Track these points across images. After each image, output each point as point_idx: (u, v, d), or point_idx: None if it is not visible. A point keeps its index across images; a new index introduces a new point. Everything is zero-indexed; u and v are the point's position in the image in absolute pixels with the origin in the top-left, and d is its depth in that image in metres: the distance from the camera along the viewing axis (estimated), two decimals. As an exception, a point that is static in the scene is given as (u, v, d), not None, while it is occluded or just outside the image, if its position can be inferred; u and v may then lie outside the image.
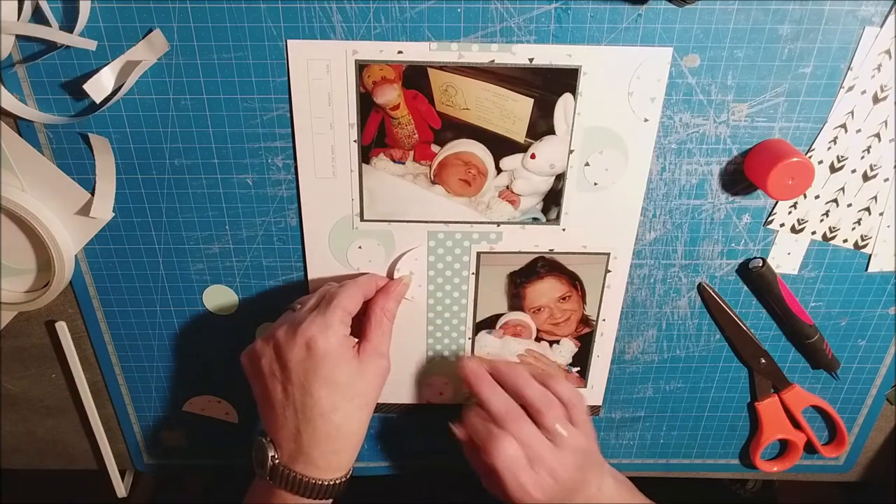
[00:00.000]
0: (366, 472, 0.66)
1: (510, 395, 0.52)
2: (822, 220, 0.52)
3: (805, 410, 0.61)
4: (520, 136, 0.48)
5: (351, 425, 0.48)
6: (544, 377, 0.53)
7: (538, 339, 0.58)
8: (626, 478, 0.58)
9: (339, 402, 0.47)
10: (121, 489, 0.67)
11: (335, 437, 0.47)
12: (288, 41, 0.45)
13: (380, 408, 0.62)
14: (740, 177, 0.50)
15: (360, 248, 0.53)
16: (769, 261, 0.54)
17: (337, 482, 0.48)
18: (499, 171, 0.50)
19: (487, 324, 0.57)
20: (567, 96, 0.47)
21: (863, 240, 0.53)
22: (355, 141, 0.48)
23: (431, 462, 0.66)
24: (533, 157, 0.49)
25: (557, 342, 0.58)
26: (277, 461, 0.47)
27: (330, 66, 0.46)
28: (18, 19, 0.43)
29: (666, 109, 0.48)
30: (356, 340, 0.49)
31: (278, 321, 0.50)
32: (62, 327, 0.57)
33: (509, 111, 0.47)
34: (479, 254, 0.53)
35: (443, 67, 0.46)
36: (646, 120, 0.48)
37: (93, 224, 0.52)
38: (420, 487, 0.76)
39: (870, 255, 0.54)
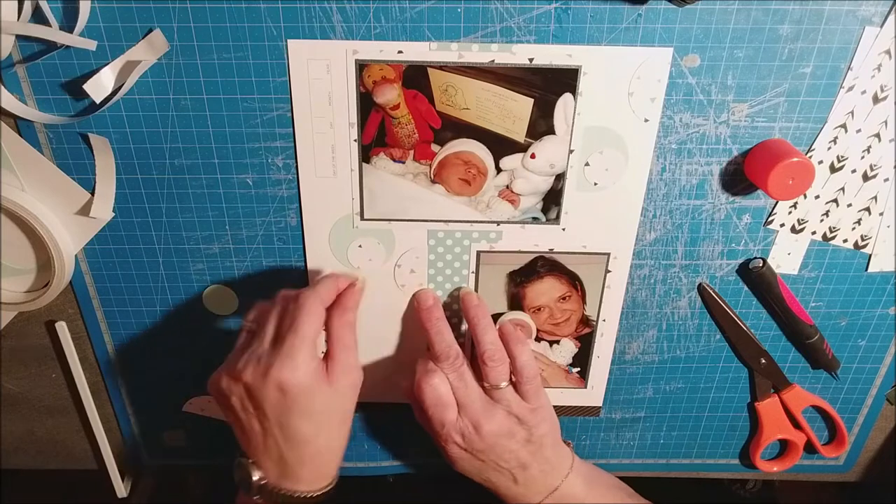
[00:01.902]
0: (366, 472, 0.66)
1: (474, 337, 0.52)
2: (822, 220, 0.52)
3: (805, 410, 0.61)
4: (520, 135, 0.48)
5: (334, 442, 0.48)
6: (511, 339, 0.52)
7: (538, 339, 0.58)
8: (615, 480, 0.57)
9: (321, 427, 0.46)
10: (121, 489, 0.66)
11: (321, 455, 0.47)
12: (288, 41, 0.45)
13: (380, 408, 0.62)
14: (740, 177, 0.50)
15: (360, 247, 0.53)
16: (769, 261, 0.54)
17: (327, 490, 0.48)
18: (499, 170, 0.50)
19: (487, 324, 0.57)
20: (567, 96, 0.47)
21: (863, 240, 0.53)
22: (355, 140, 0.48)
23: (431, 462, 0.66)
24: (533, 156, 0.49)
25: (557, 342, 0.58)
26: (265, 482, 0.47)
27: (330, 66, 0.46)
28: (18, 19, 0.43)
29: (666, 109, 0.48)
30: (323, 356, 0.47)
31: (238, 351, 0.47)
32: (62, 327, 0.57)
33: (509, 111, 0.47)
34: (478, 253, 0.53)
35: (443, 67, 0.46)
36: (646, 120, 0.48)
37: (93, 224, 0.52)
38: (420, 487, 0.76)
39: (870, 255, 0.54)
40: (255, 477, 0.46)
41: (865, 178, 0.50)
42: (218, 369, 0.48)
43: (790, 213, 0.52)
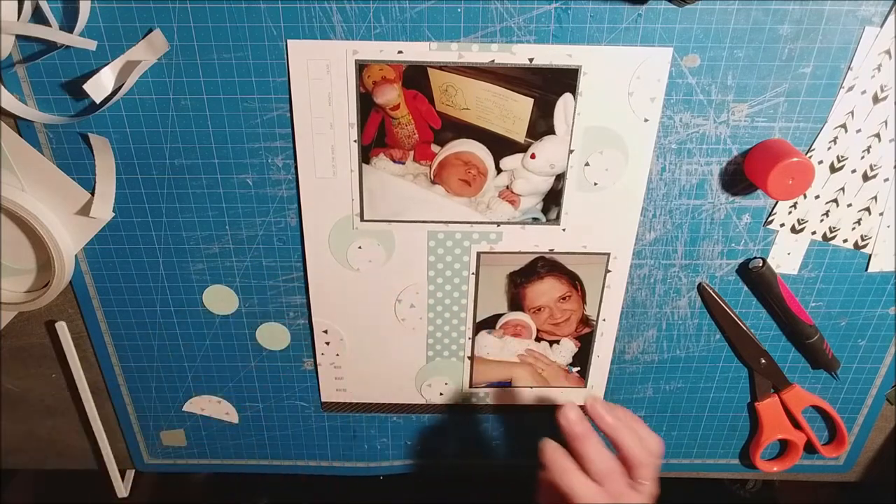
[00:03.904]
0: (366, 472, 0.66)
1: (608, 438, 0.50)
2: (822, 220, 0.52)
3: (805, 410, 0.61)
4: (520, 136, 0.48)
5: None
6: (635, 426, 0.50)
7: (538, 339, 0.58)
8: None
9: None
10: (121, 489, 0.67)
11: None
12: (288, 41, 0.45)
13: (380, 408, 0.62)
14: (740, 177, 0.50)
15: (359, 248, 0.53)
16: (769, 261, 0.54)
17: None
18: (499, 170, 0.50)
19: (487, 324, 0.57)
20: (567, 96, 0.47)
21: (863, 240, 0.53)
22: (355, 141, 0.48)
23: (432, 462, 0.66)
24: (533, 157, 0.49)
25: (557, 342, 0.58)
26: None
27: (330, 66, 0.46)
28: (18, 19, 0.43)
29: (666, 109, 0.48)
30: None
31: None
32: (62, 327, 0.57)
33: (509, 111, 0.47)
34: (479, 254, 0.53)
35: (443, 67, 0.46)
36: (646, 120, 0.48)
37: (93, 224, 0.52)
38: (419, 487, 0.76)
39: (870, 255, 0.54)
40: None
41: (865, 178, 0.50)
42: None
43: (790, 213, 0.52)
